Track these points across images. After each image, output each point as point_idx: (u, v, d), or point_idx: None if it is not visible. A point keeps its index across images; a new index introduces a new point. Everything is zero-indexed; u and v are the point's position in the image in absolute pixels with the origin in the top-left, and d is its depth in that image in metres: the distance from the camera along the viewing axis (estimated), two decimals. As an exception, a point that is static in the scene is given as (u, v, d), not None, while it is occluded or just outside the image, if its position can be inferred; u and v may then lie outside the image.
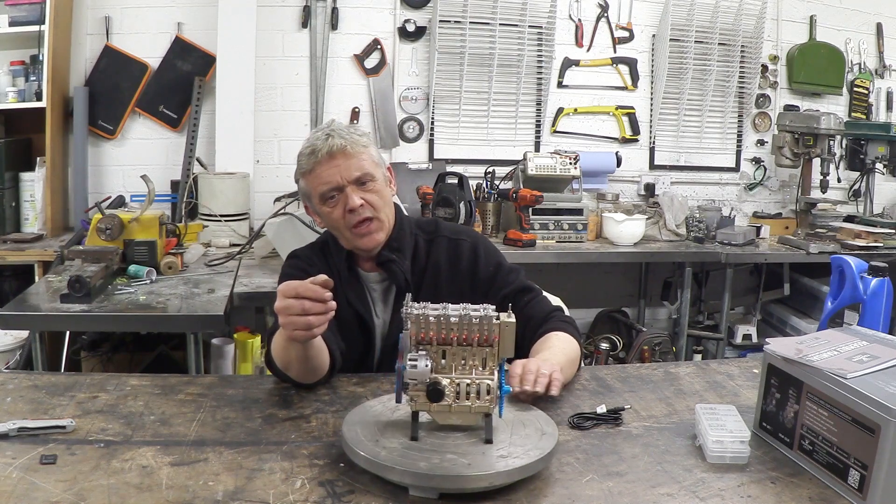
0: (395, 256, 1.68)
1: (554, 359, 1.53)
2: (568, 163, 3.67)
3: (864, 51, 4.28)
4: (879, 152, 3.73)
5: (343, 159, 1.61)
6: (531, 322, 1.68)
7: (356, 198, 1.61)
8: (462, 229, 1.84)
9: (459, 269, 1.73)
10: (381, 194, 1.66)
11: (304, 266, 1.70)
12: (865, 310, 1.81)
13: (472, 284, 1.72)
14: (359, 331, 1.71)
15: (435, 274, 1.73)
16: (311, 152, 1.62)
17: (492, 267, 1.74)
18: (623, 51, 4.05)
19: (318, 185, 1.63)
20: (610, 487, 1.17)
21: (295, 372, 1.51)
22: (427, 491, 1.11)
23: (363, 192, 1.62)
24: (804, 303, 3.94)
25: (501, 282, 1.73)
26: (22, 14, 3.23)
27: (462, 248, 1.75)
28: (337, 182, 1.61)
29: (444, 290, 1.69)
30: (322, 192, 1.63)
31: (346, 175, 1.61)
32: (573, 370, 1.62)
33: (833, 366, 1.22)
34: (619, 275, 4.17)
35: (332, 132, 1.62)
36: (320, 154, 1.60)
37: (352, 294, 1.71)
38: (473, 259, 1.74)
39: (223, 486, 1.13)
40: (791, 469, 1.25)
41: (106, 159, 3.61)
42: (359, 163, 1.62)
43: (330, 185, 1.62)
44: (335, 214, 1.64)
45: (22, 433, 1.26)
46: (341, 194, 1.62)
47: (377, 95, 3.79)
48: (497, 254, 1.79)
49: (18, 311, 2.27)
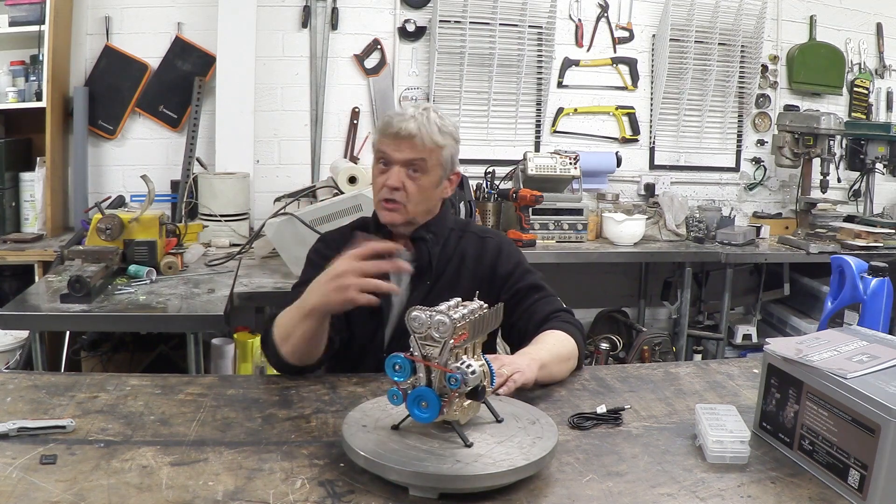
0: (428, 237, 1.76)
1: (535, 354, 1.54)
2: (568, 163, 3.67)
3: (864, 51, 4.28)
4: (879, 152, 3.74)
5: (407, 144, 1.68)
6: (533, 319, 1.72)
7: (395, 179, 1.69)
8: (490, 230, 1.94)
9: (482, 264, 1.79)
10: (423, 187, 1.71)
11: (326, 252, 1.76)
12: (865, 310, 1.81)
13: (491, 279, 1.78)
14: (368, 312, 1.72)
15: (459, 265, 1.79)
16: (391, 121, 1.69)
17: (511, 265, 1.80)
18: (623, 51, 4.05)
19: (379, 146, 1.73)
20: (610, 487, 1.17)
21: (291, 347, 1.54)
22: (427, 491, 1.11)
23: (407, 177, 1.70)
24: (804, 303, 3.94)
25: (516, 279, 1.78)
26: (22, 14, 3.23)
27: (488, 245, 1.82)
28: (391, 155, 1.70)
29: (464, 281, 1.75)
30: (378, 154, 1.74)
31: (399, 156, 1.69)
32: (561, 368, 1.62)
33: (833, 366, 1.22)
34: (619, 275, 4.17)
35: (416, 116, 1.68)
36: (391, 128, 1.68)
37: None
38: (497, 256, 1.80)
39: (223, 486, 1.13)
40: (791, 469, 1.25)
41: (106, 159, 3.61)
42: (417, 152, 1.69)
43: (384, 156, 1.71)
44: (378, 178, 1.73)
45: (22, 433, 1.26)
46: (390, 168, 1.70)
47: (377, 95, 3.79)
48: (519, 254, 1.86)
49: (18, 311, 2.27)
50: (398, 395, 1.20)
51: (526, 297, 1.75)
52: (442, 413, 1.18)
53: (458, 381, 1.16)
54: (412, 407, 1.18)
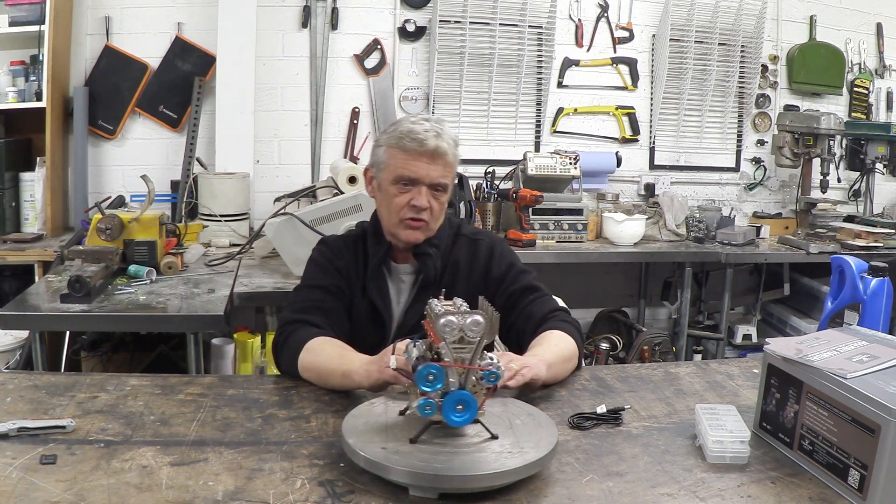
0: (431, 251, 1.75)
1: (541, 355, 1.55)
2: (568, 163, 3.67)
3: (864, 51, 4.28)
4: (879, 152, 3.74)
5: (440, 164, 1.67)
6: (531, 320, 1.71)
7: (425, 200, 1.68)
8: (481, 231, 1.92)
9: (476, 267, 1.79)
10: (443, 205, 1.74)
11: (331, 256, 1.78)
12: (865, 310, 1.81)
13: (485, 282, 1.78)
14: (371, 321, 1.76)
15: (454, 271, 1.78)
16: (415, 138, 1.65)
17: (504, 266, 1.79)
18: (623, 51, 4.05)
19: (402, 167, 1.67)
20: (610, 487, 1.17)
21: (312, 379, 1.57)
22: (427, 491, 1.11)
23: (433, 197, 1.70)
24: (804, 303, 3.94)
25: (510, 280, 1.78)
26: (22, 14, 3.23)
27: (480, 247, 1.81)
28: (421, 178, 1.67)
29: (460, 286, 1.75)
30: (402, 175, 1.68)
31: (431, 177, 1.68)
32: (565, 368, 1.63)
33: (833, 366, 1.22)
34: (619, 275, 4.17)
35: (441, 133, 1.67)
36: (425, 147, 1.65)
37: (372, 286, 1.76)
38: (489, 258, 1.80)
39: (223, 486, 1.13)
40: (791, 469, 1.25)
41: (106, 159, 3.61)
42: (446, 173, 1.69)
43: (414, 177, 1.67)
44: (399, 200, 1.69)
45: (22, 433, 1.26)
46: (415, 188, 1.68)
47: (377, 95, 3.79)
48: (511, 255, 1.85)
49: (18, 311, 2.27)
50: (431, 405, 1.17)
51: (521, 298, 1.75)
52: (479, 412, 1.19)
53: (497, 376, 1.19)
54: (448, 413, 1.17)
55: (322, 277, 1.75)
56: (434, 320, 1.20)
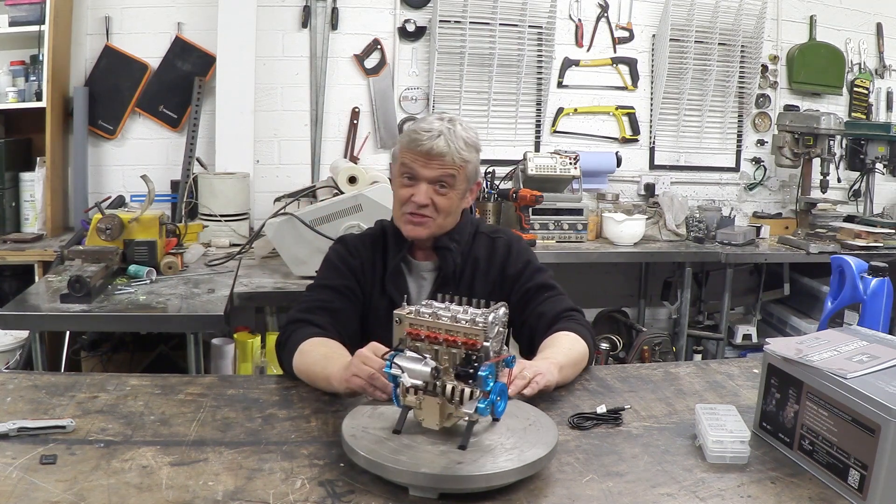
0: (452, 245, 1.76)
1: (554, 358, 1.55)
2: (568, 163, 3.67)
3: (864, 51, 4.28)
4: (879, 152, 3.73)
5: (437, 161, 1.68)
6: (543, 318, 1.72)
7: (424, 196, 1.69)
8: (500, 228, 1.93)
9: (493, 265, 1.80)
10: (451, 202, 1.72)
11: (345, 256, 1.79)
12: (865, 310, 1.81)
13: (502, 279, 1.79)
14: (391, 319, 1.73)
15: (473, 268, 1.79)
16: (416, 138, 1.68)
17: (521, 264, 1.80)
18: (623, 51, 4.05)
19: (405, 162, 1.71)
20: (610, 487, 1.17)
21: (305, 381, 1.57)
22: (427, 491, 1.11)
23: (436, 192, 1.70)
24: (804, 303, 3.94)
25: (526, 278, 1.79)
26: (22, 14, 3.23)
27: (498, 244, 1.82)
28: (417, 173, 1.70)
29: (478, 283, 1.76)
30: (404, 170, 1.72)
31: (428, 174, 1.69)
32: (575, 370, 1.63)
33: (833, 366, 1.22)
34: (619, 275, 4.17)
35: (444, 132, 1.67)
36: (421, 147, 1.67)
37: (390, 283, 1.76)
38: (506, 255, 1.81)
39: (223, 486, 1.13)
40: (791, 469, 1.25)
41: (106, 159, 3.61)
42: (446, 170, 1.69)
43: (409, 171, 1.71)
44: (402, 192, 1.72)
45: (22, 433, 1.26)
46: (416, 184, 1.70)
47: (377, 95, 3.79)
48: (528, 252, 1.85)
49: (18, 311, 2.27)
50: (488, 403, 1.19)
51: (536, 296, 1.76)
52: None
53: (514, 358, 1.25)
54: (500, 406, 1.22)
55: (333, 277, 1.75)
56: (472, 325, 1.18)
